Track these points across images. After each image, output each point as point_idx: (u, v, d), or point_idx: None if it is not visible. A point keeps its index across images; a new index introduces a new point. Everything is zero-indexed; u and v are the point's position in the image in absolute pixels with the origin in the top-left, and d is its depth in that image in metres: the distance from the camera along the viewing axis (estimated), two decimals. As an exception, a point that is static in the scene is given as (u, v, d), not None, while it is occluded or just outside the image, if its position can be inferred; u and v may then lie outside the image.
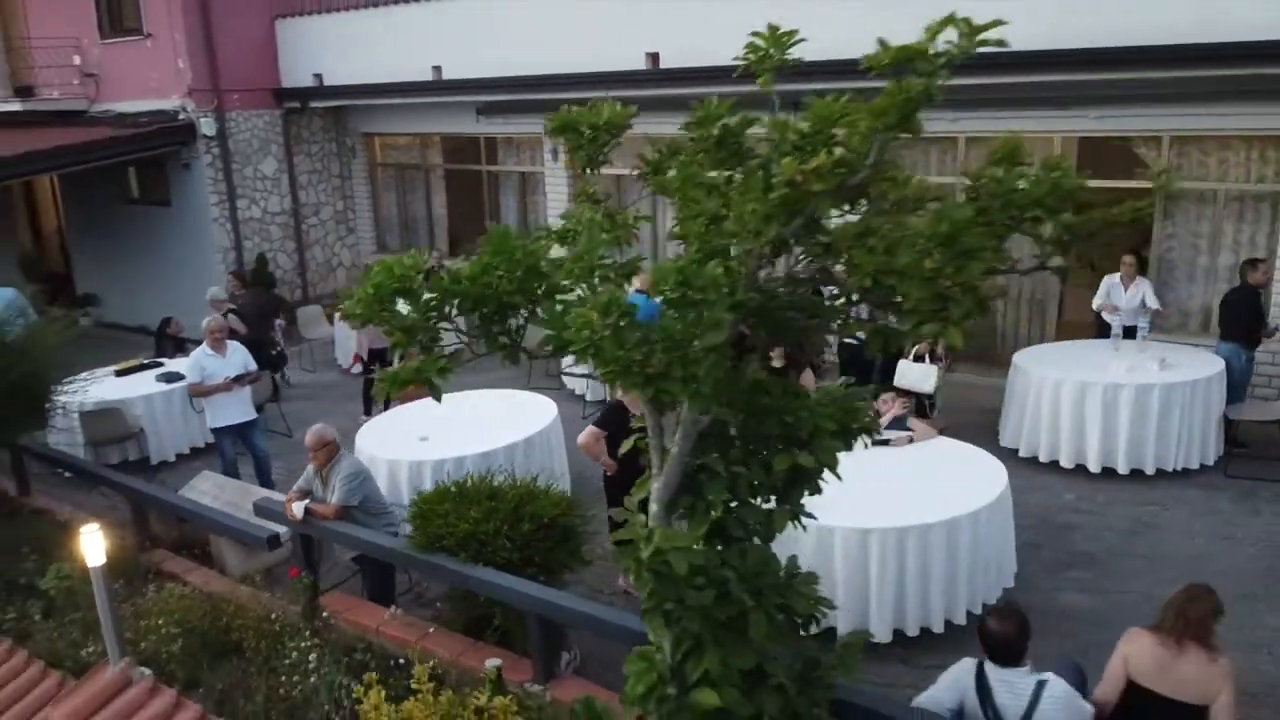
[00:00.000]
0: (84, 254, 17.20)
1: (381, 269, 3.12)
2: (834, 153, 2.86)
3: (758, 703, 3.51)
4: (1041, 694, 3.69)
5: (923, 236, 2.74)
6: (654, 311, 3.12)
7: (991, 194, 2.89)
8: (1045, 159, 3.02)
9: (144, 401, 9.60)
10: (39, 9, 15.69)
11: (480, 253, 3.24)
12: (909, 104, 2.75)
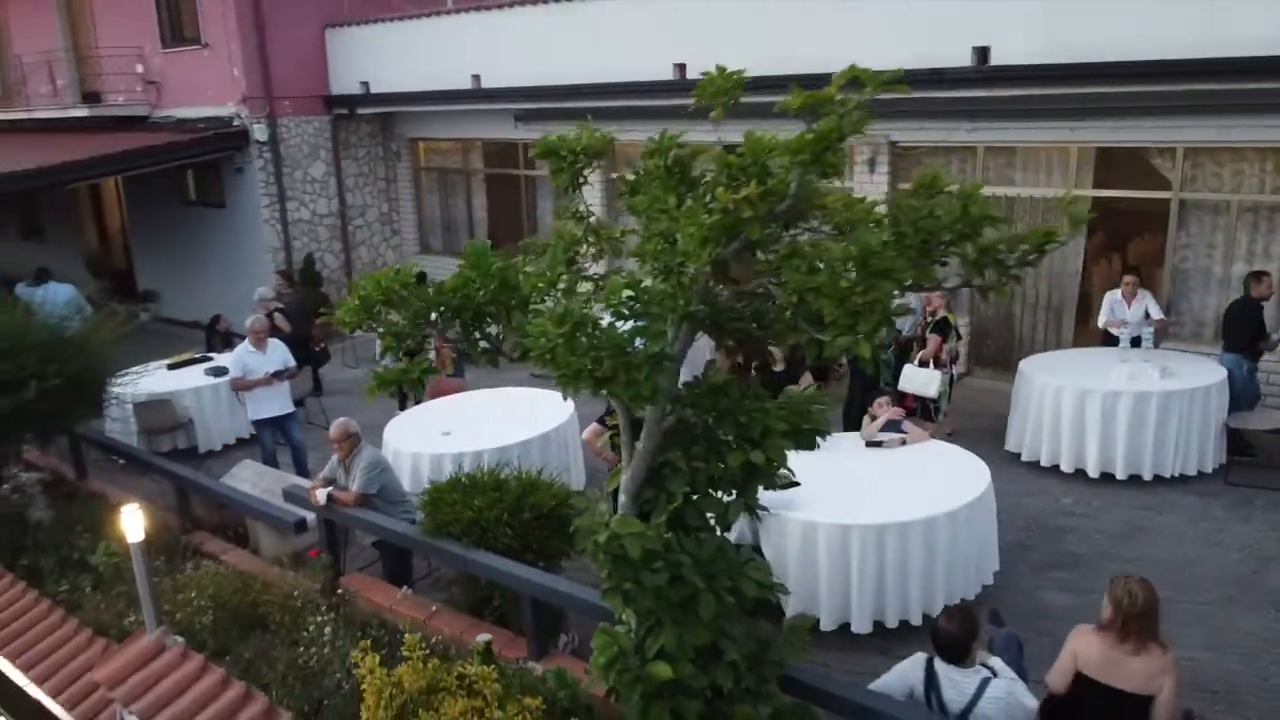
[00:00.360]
0: (145, 252, 18.04)
1: (369, 281, 3.55)
2: (766, 183, 3.22)
3: (711, 676, 3.87)
4: (984, 692, 3.99)
5: (838, 258, 3.07)
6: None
7: (908, 220, 3.21)
8: (961, 188, 3.33)
9: (193, 394, 10.22)
10: (106, 20, 16.53)
11: (461, 267, 3.65)
12: (820, 143, 3.07)
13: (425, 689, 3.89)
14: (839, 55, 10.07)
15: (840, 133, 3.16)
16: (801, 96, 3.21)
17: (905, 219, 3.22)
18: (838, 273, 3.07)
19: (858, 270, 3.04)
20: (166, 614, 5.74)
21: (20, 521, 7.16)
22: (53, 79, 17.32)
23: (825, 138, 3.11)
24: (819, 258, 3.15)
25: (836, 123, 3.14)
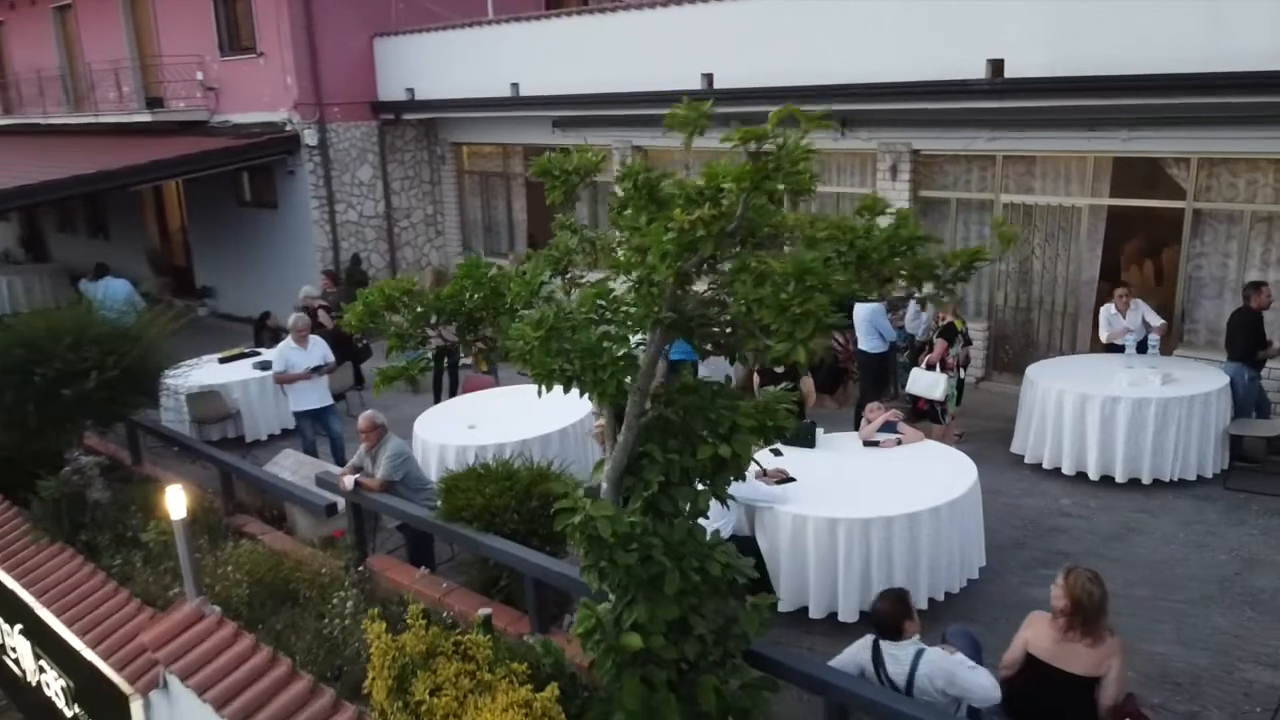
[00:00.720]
0: (203, 250, 18.89)
1: (375, 289, 4.02)
2: (720, 205, 3.61)
3: (680, 649, 4.27)
4: (918, 661, 4.36)
5: (778, 273, 3.46)
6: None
7: (846, 239, 3.58)
8: (897, 211, 3.69)
9: (241, 386, 10.86)
10: (168, 29, 17.37)
11: (456, 276, 4.11)
12: (758, 173, 3.45)
13: (425, 653, 4.34)
14: (858, 66, 10.52)
15: (776, 164, 3.51)
16: (741, 131, 3.58)
17: (843, 238, 3.59)
18: (779, 286, 3.45)
19: (794, 284, 3.42)
20: (207, 587, 6.28)
21: (80, 501, 7.78)
22: (119, 85, 18.24)
23: (761, 170, 3.48)
24: (764, 272, 3.53)
25: (775, 154, 3.50)
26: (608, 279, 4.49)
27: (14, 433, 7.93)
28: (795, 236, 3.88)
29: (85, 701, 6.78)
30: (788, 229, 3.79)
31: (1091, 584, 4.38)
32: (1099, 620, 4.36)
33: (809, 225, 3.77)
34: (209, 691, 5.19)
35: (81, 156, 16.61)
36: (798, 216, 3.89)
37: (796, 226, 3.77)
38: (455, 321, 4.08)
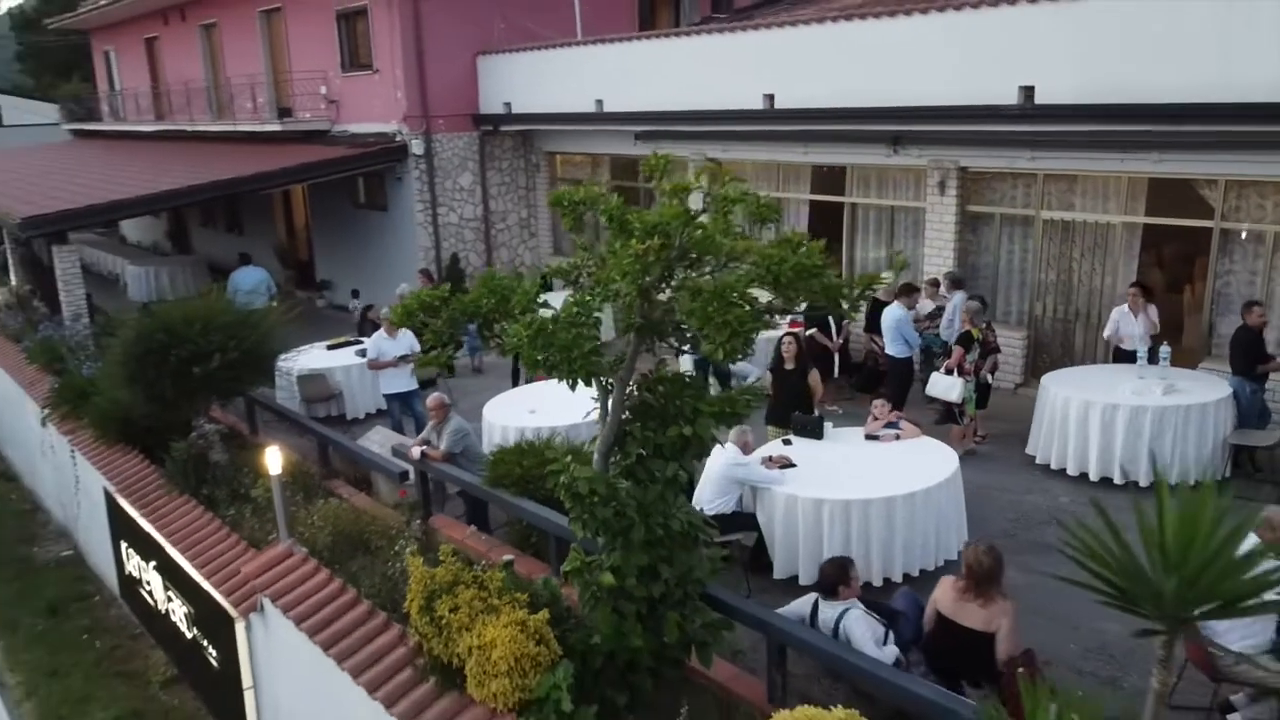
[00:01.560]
0: (323, 247, 20.77)
1: (413, 297, 5.20)
2: (669, 237, 4.65)
3: (648, 589, 5.32)
4: (842, 618, 5.31)
5: (706, 291, 4.48)
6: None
7: (764, 264, 4.57)
8: (809, 245, 4.65)
9: (344, 371, 12.36)
10: (298, 48, 19.24)
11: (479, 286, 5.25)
12: (686, 216, 4.46)
13: (450, 582, 5.51)
14: (906, 90, 11.32)
15: (698, 211, 4.51)
16: (673, 183, 4.60)
17: (762, 264, 4.58)
18: (705, 300, 4.46)
19: (717, 300, 4.43)
20: (298, 533, 7.62)
21: (204, 462, 9.31)
22: (254, 98, 20.24)
23: (683, 214, 4.50)
24: (696, 289, 4.55)
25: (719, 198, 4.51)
26: (589, 292, 5.56)
27: (153, 404, 9.50)
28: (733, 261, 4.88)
29: (202, 625, 8.28)
30: (725, 255, 4.78)
31: (985, 555, 5.24)
32: (990, 585, 5.21)
33: (743, 253, 4.77)
34: (293, 610, 6.52)
35: (221, 162, 18.60)
36: (735, 244, 4.88)
37: (732, 253, 4.77)
38: (474, 322, 5.22)
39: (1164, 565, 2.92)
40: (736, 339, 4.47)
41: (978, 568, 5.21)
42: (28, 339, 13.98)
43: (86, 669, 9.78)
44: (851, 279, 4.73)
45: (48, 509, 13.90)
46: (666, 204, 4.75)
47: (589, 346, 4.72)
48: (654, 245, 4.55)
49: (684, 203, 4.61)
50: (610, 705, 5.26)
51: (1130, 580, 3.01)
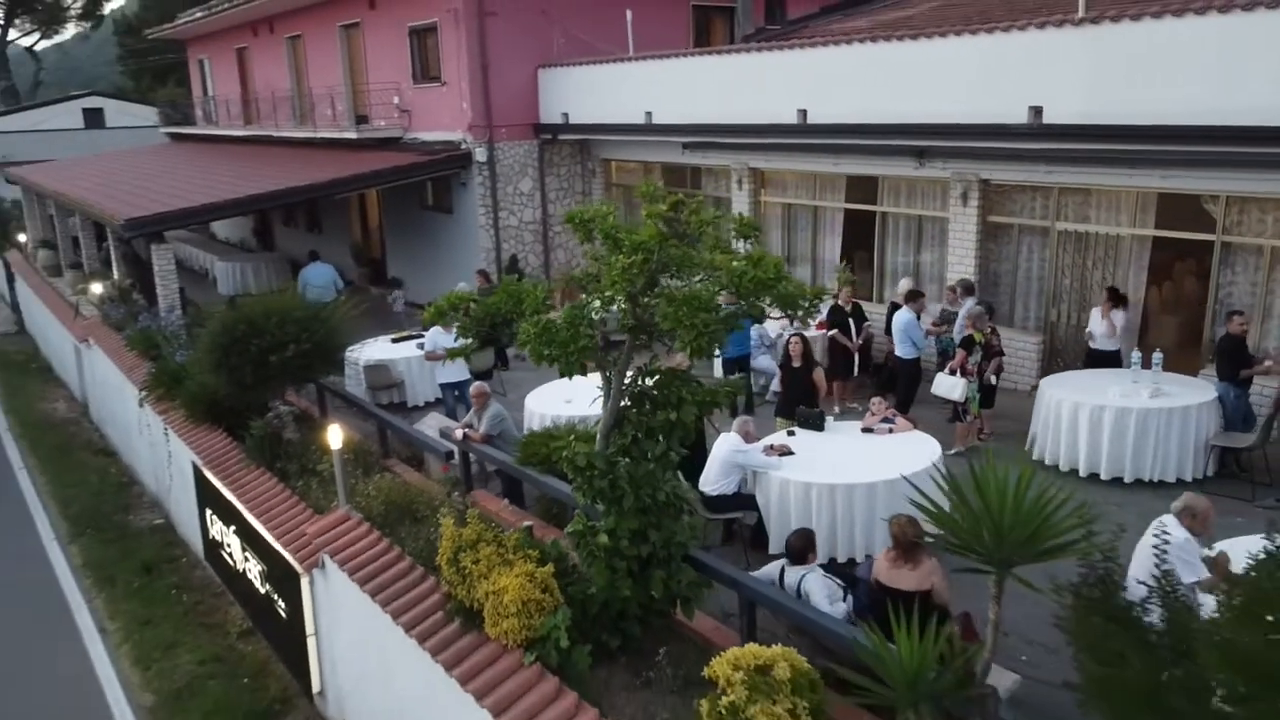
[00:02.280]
0: (394, 246, 22.15)
1: (446, 298, 6.22)
2: (650, 252, 5.59)
3: (638, 549, 6.25)
4: (803, 580, 6.18)
5: (675, 298, 5.40)
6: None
7: (729, 276, 5.47)
8: (768, 260, 5.53)
9: (405, 362, 13.55)
10: (374, 61, 20.61)
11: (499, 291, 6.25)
12: (660, 239, 5.39)
13: (473, 539, 6.53)
14: (929, 107, 12.07)
15: (676, 235, 5.43)
16: (649, 209, 5.52)
17: (727, 275, 5.49)
18: (676, 306, 5.39)
19: (685, 306, 5.35)
20: (355, 502, 8.73)
21: (278, 439, 10.52)
22: (333, 107, 21.68)
23: (659, 235, 5.42)
24: (670, 297, 5.48)
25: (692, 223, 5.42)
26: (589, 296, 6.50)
27: (236, 388, 10.74)
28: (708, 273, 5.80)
29: (273, 581, 9.46)
30: (699, 267, 5.70)
31: (908, 525, 6.06)
32: (916, 550, 6.04)
33: (712, 266, 5.69)
34: (348, 565, 7.62)
35: (302, 166, 20.04)
36: (714, 259, 5.79)
37: (705, 266, 5.69)
38: (494, 321, 6.23)
39: (986, 522, 3.75)
40: (702, 339, 5.39)
41: (902, 537, 6.04)
42: (128, 329, 15.50)
43: (175, 620, 11.10)
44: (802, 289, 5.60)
45: (142, 482, 15.42)
46: (649, 225, 5.68)
47: (583, 343, 5.69)
48: (638, 260, 5.49)
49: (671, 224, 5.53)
50: (604, 646, 6.21)
51: (964, 534, 3.85)
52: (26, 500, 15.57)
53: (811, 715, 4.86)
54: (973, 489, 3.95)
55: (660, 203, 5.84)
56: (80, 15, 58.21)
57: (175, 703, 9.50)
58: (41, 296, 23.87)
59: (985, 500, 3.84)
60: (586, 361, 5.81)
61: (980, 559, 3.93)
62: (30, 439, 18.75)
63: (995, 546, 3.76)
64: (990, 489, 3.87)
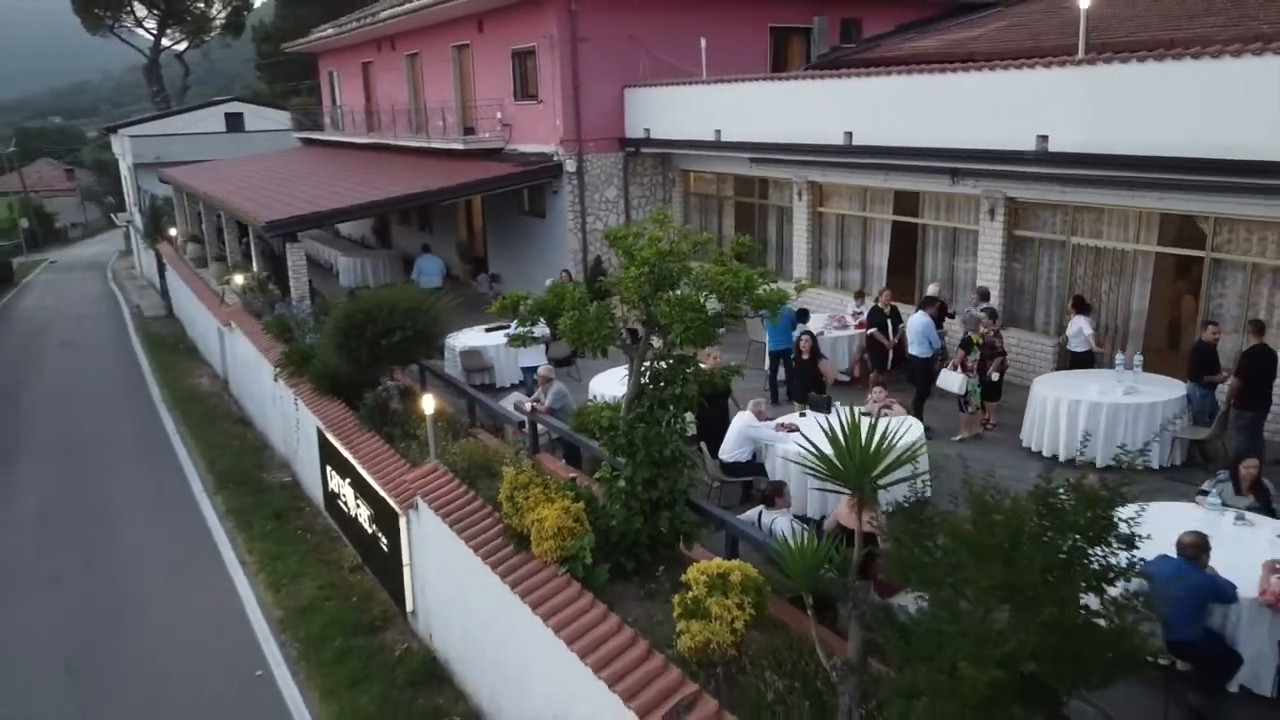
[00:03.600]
0: (495, 245, 24.46)
1: (508, 295, 8.20)
2: (653, 267, 7.45)
3: (649, 493, 8.11)
4: (775, 521, 7.92)
5: (670, 301, 7.24)
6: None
7: (712, 282, 7.28)
8: (736, 272, 7.30)
9: (494, 349, 15.70)
10: (481, 80, 22.93)
11: (549, 291, 8.20)
12: (661, 255, 7.23)
13: (525, 483, 8.49)
14: (953, 132, 13.57)
15: (661, 257, 7.25)
16: (648, 235, 7.36)
17: (710, 282, 7.29)
18: (672, 307, 7.21)
19: (679, 308, 7.18)
20: (445, 459, 10.81)
21: (385, 409, 12.75)
22: (444, 119, 24.12)
23: (658, 253, 7.25)
24: (668, 300, 7.30)
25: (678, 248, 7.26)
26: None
27: (353, 366, 12.99)
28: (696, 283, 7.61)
29: (379, 522, 11.66)
30: (689, 279, 7.51)
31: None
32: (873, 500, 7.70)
33: (704, 275, 7.50)
34: (435, 503, 9.70)
35: (416, 172, 22.50)
36: (700, 272, 7.58)
37: (695, 277, 7.50)
38: (544, 314, 8.17)
39: (847, 460, 5.47)
40: (689, 331, 7.22)
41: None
42: (266, 316, 18.12)
43: (299, 556, 13.47)
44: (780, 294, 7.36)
45: (274, 446, 18.04)
46: (648, 246, 7.52)
47: (605, 331, 7.59)
48: (645, 272, 7.35)
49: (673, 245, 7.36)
50: (620, 567, 8.09)
51: (834, 467, 5.56)
52: (180, 460, 18.40)
53: (754, 607, 6.64)
54: (841, 439, 5.65)
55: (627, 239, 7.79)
56: (224, 25, 63.08)
57: (299, 617, 11.81)
58: (190, 285, 27.13)
59: (848, 446, 5.55)
60: (608, 346, 7.70)
61: (842, 481, 5.64)
62: (181, 409, 21.75)
63: (852, 473, 5.48)
64: (850, 439, 5.57)
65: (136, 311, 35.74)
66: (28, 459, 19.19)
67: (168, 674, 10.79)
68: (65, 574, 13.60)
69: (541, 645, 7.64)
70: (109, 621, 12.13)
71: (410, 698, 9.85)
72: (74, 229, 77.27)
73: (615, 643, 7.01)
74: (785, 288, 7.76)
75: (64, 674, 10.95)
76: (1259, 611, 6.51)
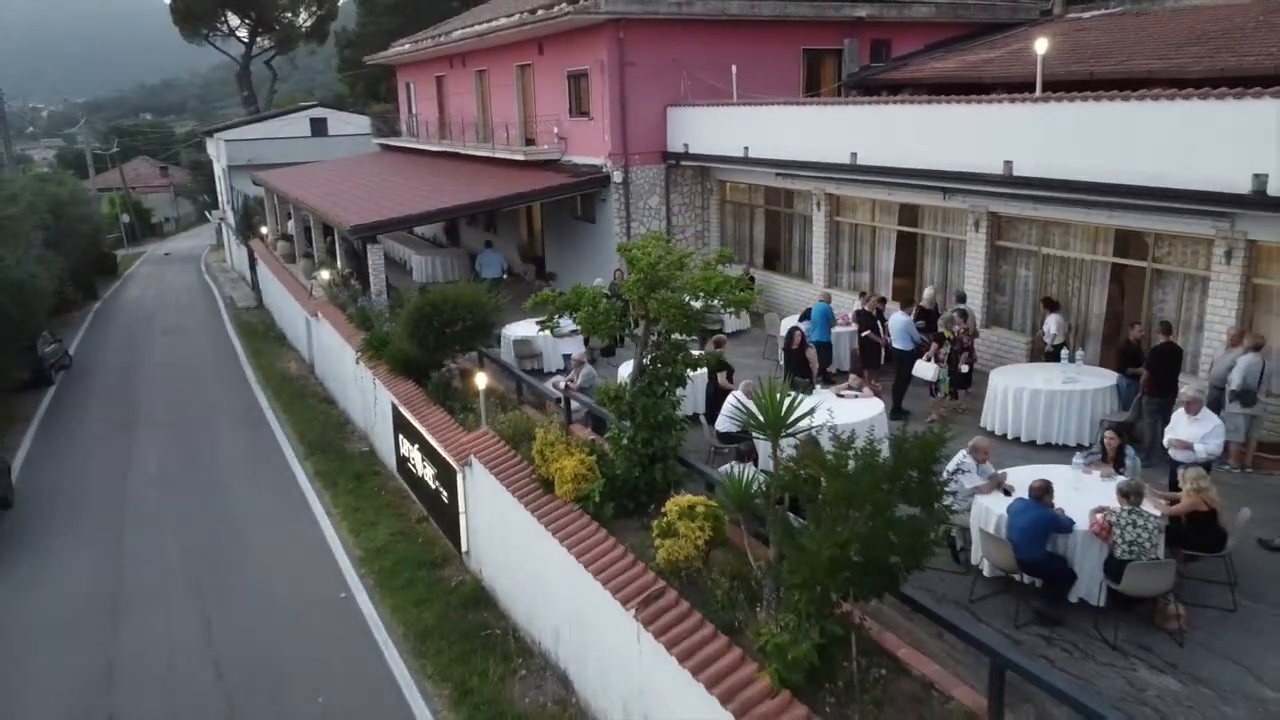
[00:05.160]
0: (551, 246, 26.96)
1: (540, 295, 10.57)
2: (646, 273, 9.78)
3: (647, 449, 10.41)
4: (746, 469, 10.15)
5: (660, 299, 9.53)
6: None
7: (693, 284, 9.56)
8: (708, 276, 9.56)
9: (543, 339, 18.13)
10: (541, 97, 25.43)
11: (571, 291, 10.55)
12: (653, 265, 9.53)
13: (551, 441, 10.87)
14: (940, 155, 15.70)
15: (653, 267, 9.54)
16: (645, 253, 9.66)
17: (690, 284, 9.56)
18: (663, 304, 9.50)
19: (666, 303, 9.47)
20: (495, 428, 13.23)
21: (448, 387, 15.27)
22: (507, 131, 26.67)
23: (652, 263, 9.54)
24: (659, 299, 9.58)
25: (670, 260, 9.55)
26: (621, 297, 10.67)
27: (422, 351, 15.53)
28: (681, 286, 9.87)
29: (441, 480, 14.18)
30: (677, 283, 9.79)
31: (807, 441, 9.89)
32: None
33: (691, 279, 9.78)
34: (484, 460, 12.15)
35: (482, 179, 25.07)
36: (686, 278, 9.84)
37: (681, 282, 9.78)
38: (568, 309, 10.51)
39: (763, 416, 7.69)
40: (675, 325, 9.51)
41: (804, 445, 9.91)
42: (350, 308, 20.85)
43: (375, 509, 16.09)
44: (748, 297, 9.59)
45: (354, 420, 20.77)
46: (644, 256, 9.81)
47: (613, 322, 9.91)
48: (642, 278, 9.66)
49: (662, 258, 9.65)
50: (623, 506, 10.40)
51: (757, 422, 7.79)
52: (274, 431, 21.25)
53: (713, 530, 8.89)
54: (759, 402, 7.86)
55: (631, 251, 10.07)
56: (309, 33, 66.95)
57: (375, 555, 14.39)
58: (280, 279, 30.19)
59: (766, 406, 7.76)
60: (616, 334, 10.03)
61: (758, 429, 7.86)
62: (273, 389, 24.70)
63: (767, 425, 7.70)
64: (767, 400, 7.79)
65: (230, 302, 39.14)
66: (145, 427, 22.27)
67: (272, 593, 13.45)
68: (187, 517, 16.45)
69: (562, 564, 10.00)
70: (224, 554, 14.89)
71: (462, 615, 12.32)
72: (167, 223, 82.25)
73: (615, 559, 9.35)
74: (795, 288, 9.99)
75: (193, 590, 13.70)
76: (1090, 540, 8.55)
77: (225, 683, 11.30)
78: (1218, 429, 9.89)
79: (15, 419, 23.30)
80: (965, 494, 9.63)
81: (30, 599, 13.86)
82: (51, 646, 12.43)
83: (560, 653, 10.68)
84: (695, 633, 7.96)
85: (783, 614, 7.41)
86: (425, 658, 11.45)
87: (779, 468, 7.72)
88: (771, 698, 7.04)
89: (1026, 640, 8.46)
